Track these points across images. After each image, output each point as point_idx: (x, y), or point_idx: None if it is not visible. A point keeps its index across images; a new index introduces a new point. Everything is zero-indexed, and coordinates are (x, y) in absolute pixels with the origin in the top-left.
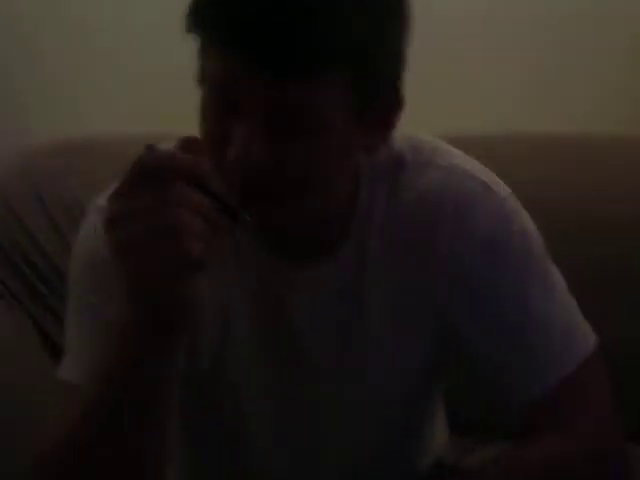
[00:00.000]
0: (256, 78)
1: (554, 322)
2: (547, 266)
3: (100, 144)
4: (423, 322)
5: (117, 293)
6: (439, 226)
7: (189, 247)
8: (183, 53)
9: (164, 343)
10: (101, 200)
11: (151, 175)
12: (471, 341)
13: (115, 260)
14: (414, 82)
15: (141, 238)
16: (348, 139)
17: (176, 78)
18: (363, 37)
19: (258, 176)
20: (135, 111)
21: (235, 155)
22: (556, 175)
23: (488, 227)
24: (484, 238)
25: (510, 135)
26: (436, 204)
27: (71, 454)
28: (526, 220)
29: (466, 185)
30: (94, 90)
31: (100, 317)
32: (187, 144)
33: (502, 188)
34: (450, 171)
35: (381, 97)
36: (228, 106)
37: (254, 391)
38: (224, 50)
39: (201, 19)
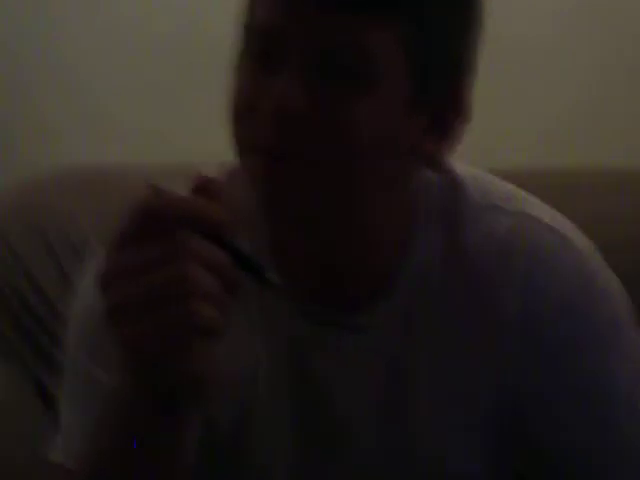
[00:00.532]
0: (303, 13)
1: None
2: (635, 335)
3: (116, 177)
4: (484, 398)
5: (115, 362)
6: (505, 283)
7: (199, 310)
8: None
9: (167, 424)
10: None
11: (155, 223)
12: (545, 426)
13: (110, 324)
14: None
15: (141, 299)
16: (399, 120)
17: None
18: None
19: (294, 132)
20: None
21: (273, 105)
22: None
23: (566, 288)
24: (561, 301)
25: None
26: (503, 256)
27: None
28: (611, 280)
29: (541, 236)
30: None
31: (98, 390)
32: (201, 185)
33: (584, 243)
34: (522, 219)
35: (440, 87)
36: (271, 58)
37: (281, 473)
38: None
39: None
